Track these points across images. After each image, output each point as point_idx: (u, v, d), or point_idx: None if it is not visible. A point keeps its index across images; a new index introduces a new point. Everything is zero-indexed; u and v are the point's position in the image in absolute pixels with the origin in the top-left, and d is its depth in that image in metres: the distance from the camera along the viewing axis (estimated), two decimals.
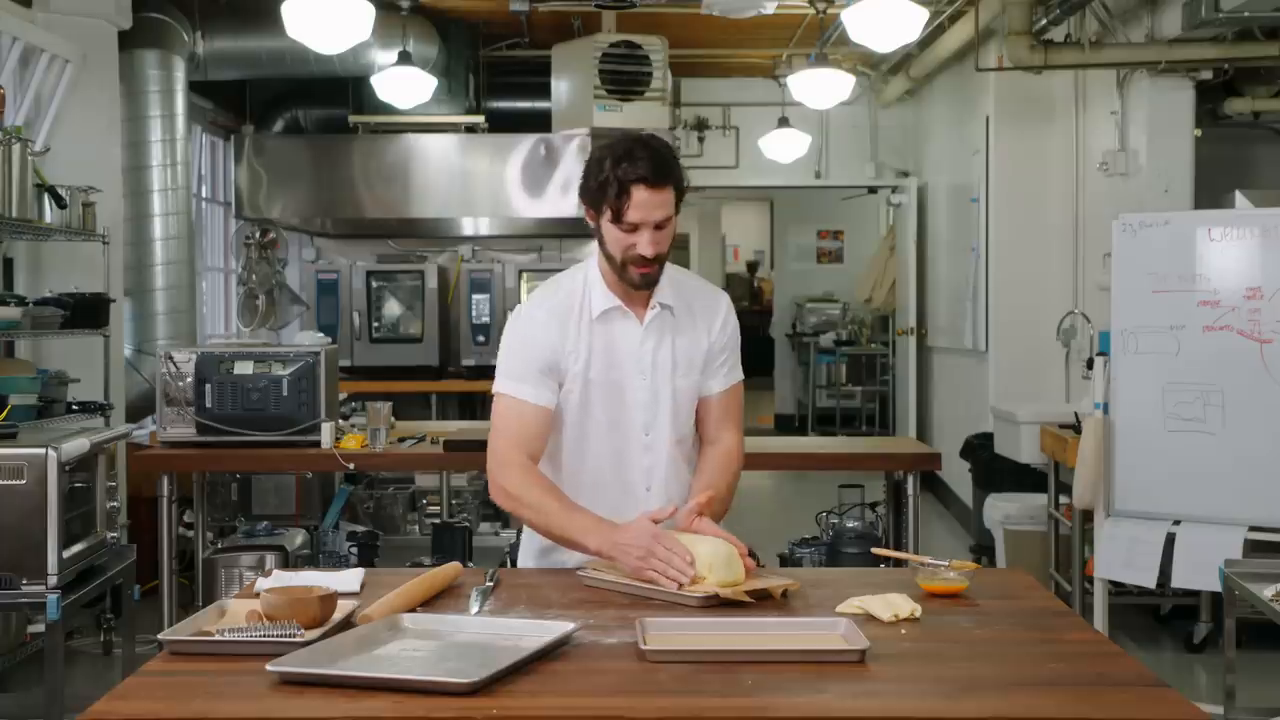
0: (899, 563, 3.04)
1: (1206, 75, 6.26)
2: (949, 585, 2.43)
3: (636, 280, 2.62)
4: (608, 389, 2.67)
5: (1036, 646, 2.16)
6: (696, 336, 2.73)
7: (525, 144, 8.00)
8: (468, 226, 8.84)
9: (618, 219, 2.57)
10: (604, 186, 2.57)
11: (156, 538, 4.60)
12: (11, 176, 4.83)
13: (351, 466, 4.51)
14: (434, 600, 2.39)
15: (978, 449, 6.78)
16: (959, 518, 8.13)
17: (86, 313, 5.30)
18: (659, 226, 2.57)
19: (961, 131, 8.28)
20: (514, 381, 2.67)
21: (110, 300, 5.50)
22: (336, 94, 8.30)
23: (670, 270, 2.71)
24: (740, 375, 2.84)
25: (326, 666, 1.93)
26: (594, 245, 2.73)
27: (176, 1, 6.91)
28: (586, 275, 2.73)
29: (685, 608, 2.32)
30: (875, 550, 2.70)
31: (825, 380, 12.72)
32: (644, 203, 2.54)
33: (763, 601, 2.37)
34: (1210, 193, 6.19)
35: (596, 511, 2.56)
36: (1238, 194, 5.76)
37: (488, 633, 2.13)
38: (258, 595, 2.21)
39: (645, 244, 2.56)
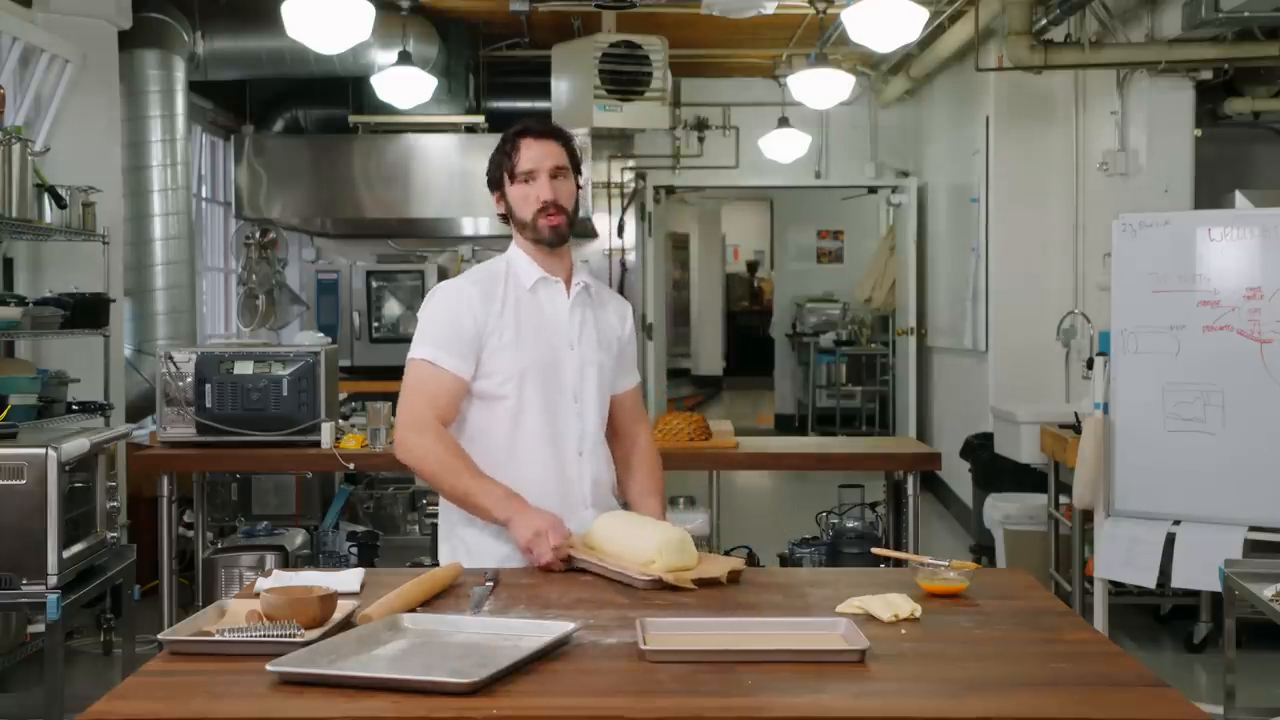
0: (899, 563, 3.05)
1: (1206, 75, 6.27)
2: (949, 585, 2.43)
3: (547, 234, 2.77)
4: (539, 358, 2.77)
5: (1037, 646, 2.16)
6: (611, 323, 2.92)
7: None
8: (468, 226, 8.84)
9: (513, 177, 2.78)
10: (498, 155, 2.82)
11: (156, 538, 4.60)
12: (11, 176, 4.83)
13: (351, 466, 4.51)
14: (434, 600, 2.39)
15: (978, 449, 6.78)
16: (959, 518, 8.13)
17: (86, 313, 5.30)
18: (554, 176, 2.77)
19: (961, 131, 8.28)
20: (435, 349, 2.76)
21: (110, 300, 5.50)
22: (336, 94, 8.30)
23: (583, 268, 2.92)
24: (639, 379, 3.05)
25: (326, 666, 1.93)
26: (595, 245, 2.79)
27: (176, 1, 6.91)
28: (509, 257, 2.86)
29: (683, 607, 2.32)
30: (875, 550, 2.70)
31: (825, 380, 12.72)
32: (533, 152, 2.77)
33: (708, 588, 2.44)
34: (1210, 193, 6.19)
35: (534, 474, 2.73)
36: (1238, 194, 5.76)
37: (487, 633, 2.13)
38: (258, 595, 2.21)
39: (544, 188, 2.75)
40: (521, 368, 2.75)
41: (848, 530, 5.07)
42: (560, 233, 2.79)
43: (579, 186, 2.86)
